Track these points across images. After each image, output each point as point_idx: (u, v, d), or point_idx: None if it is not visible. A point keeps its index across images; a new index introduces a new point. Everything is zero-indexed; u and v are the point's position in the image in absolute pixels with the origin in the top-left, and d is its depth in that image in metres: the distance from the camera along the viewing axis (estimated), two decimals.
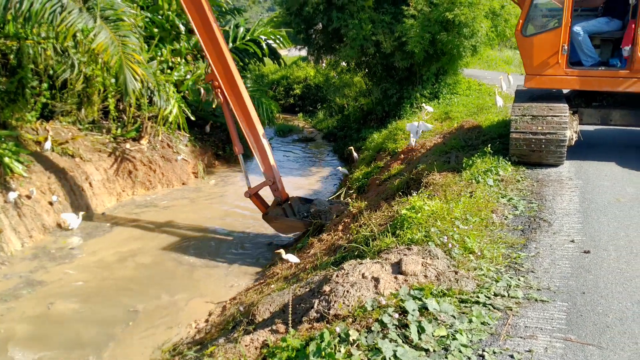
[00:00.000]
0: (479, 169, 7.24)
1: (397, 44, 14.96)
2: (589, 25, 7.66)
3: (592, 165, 7.51)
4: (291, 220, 10.33)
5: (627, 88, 7.29)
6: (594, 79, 7.46)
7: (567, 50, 7.33)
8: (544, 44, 7.44)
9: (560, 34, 7.29)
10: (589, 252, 4.69)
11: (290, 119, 24.17)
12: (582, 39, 7.59)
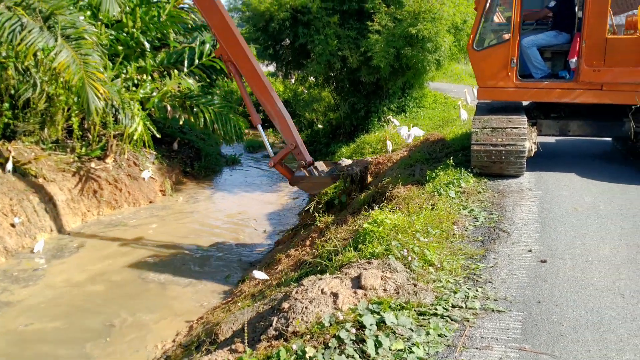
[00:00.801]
0: (442, 181, 7.32)
1: (363, 58, 15.16)
2: (538, 38, 7.89)
3: (551, 175, 7.66)
4: (318, 177, 10.20)
5: (574, 99, 7.52)
6: (543, 91, 7.66)
7: (516, 63, 7.52)
8: (494, 57, 7.63)
9: (509, 48, 7.48)
10: (546, 262, 4.77)
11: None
12: (531, 52, 7.81)
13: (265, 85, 9.93)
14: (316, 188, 10.56)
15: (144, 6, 14.22)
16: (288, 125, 9.99)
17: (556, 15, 7.89)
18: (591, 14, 7.01)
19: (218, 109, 14.22)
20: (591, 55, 7.11)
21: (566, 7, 7.66)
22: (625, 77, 7.03)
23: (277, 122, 10.09)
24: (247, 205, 14.22)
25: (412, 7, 13.71)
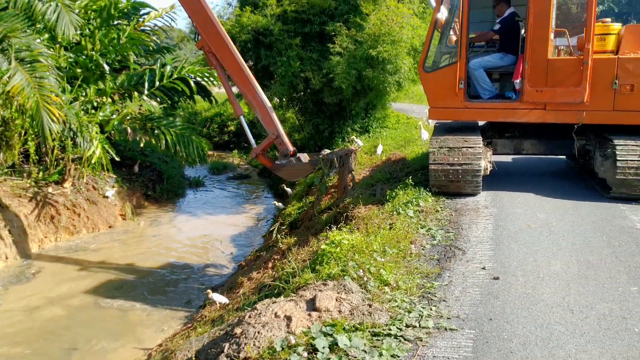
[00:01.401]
0: (401, 201, 7.39)
1: (325, 80, 15.28)
2: (484, 60, 8.15)
3: (507, 193, 7.80)
4: (299, 164, 10.06)
5: (519, 119, 7.76)
6: (490, 111, 7.92)
7: (463, 84, 7.73)
8: (443, 78, 7.85)
9: (457, 70, 7.71)
10: (498, 279, 4.84)
11: (225, 156, 24.04)
12: (478, 74, 8.05)
13: (247, 76, 9.81)
14: (296, 175, 10.62)
15: (104, 28, 14.12)
16: (270, 115, 9.87)
17: (502, 38, 8.14)
18: (533, 36, 7.26)
19: (180, 130, 14.12)
20: (534, 76, 7.34)
21: (511, 30, 7.90)
22: (567, 97, 7.26)
23: (259, 112, 9.98)
24: (211, 227, 14.08)
25: (372, 30, 13.92)
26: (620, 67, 7.02)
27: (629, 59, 7.05)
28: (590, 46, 7.00)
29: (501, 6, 8.06)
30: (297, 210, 12.13)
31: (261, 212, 15.62)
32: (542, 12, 7.16)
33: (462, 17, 7.60)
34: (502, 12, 8.03)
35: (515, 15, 7.98)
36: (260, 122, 10.17)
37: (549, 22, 7.19)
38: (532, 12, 7.20)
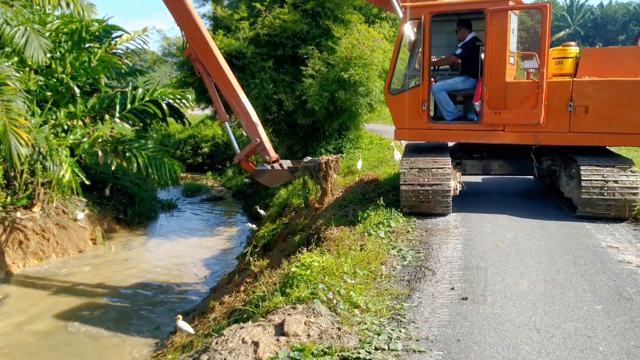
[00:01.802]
0: (373, 222, 7.42)
1: (298, 102, 15.38)
2: (447, 83, 8.36)
3: (476, 213, 7.89)
4: (278, 171, 10.31)
5: (480, 140, 7.95)
6: (453, 132, 8.08)
7: (426, 106, 7.92)
8: (408, 101, 8.06)
9: (420, 92, 7.91)
10: (467, 299, 4.87)
11: (199, 178, 23.91)
12: (441, 96, 8.26)
13: (232, 83, 10.12)
14: (276, 181, 10.89)
15: (75, 51, 14.02)
16: (253, 122, 10.09)
17: (463, 62, 8.33)
18: (491, 60, 7.44)
19: (152, 153, 14.00)
20: (492, 98, 7.51)
21: (472, 54, 8.10)
22: (524, 119, 7.41)
23: (243, 118, 10.25)
24: (184, 251, 13.94)
25: (344, 53, 14.11)
26: (575, 90, 7.19)
27: (583, 82, 7.23)
28: (545, 70, 7.19)
29: (463, 31, 8.28)
30: (270, 232, 12.09)
31: (235, 234, 15.53)
32: (499, 36, 7.36)
33: (424, 42, 7.79)
34: (464, 37, 8.25)
35: (476, 40, 8.18)
36: (244, 128, 10.44)
37: (506, 46, 7.37)
38: (489, 37, 7.40)
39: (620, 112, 7.02)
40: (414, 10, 7.89)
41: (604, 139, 7.29)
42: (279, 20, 15.10)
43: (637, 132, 7.01)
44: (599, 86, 7.12)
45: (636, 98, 6.93)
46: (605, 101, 7.07)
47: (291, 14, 15.13)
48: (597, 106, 7.11)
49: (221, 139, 25.77)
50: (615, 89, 7.04)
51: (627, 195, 6.97)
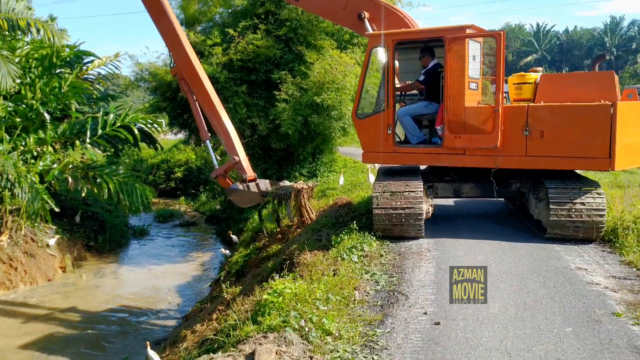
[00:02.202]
0: (346, 246, 7.39)
1: (272, 126, 15.43)
2: (411, 108, 8.58)
3: (449, 235, 7.94)
4: (249, 192, 10.46)
5: (442, 163, 8.12)
6: (417, 155, 8.25)
7: (392, 130, 8.08)
8: (374, 125, 8.21)
9: (385, 117, 8.08)
10: (439, 324, 4.87)
11: (172, 203, 23.67)
12: (406, 121, 8.46)
13: (214, 102, 10.50)
14: (246, 202, 11.05)
15: (45, 77, 13.87)
16: (232, 141, 10.39)
17: (427, 87, 8.54)
18: (450, 85, 7.60)
19: (123, 178, 13.84)
20: (452, 122, 7.65)
21: (434, 80, 8.28)
22: (482, 143, 7.53)
23: (223, 137, 10.56)
24: (156, 278, 13.72)
25: (317, 77, 14.24)
26: (530, 115, 7.31)
27: (538, 107, 7.38)
28: (500, 95, 7.34)
29: (426, 58, 8.49)
30: (244, 258, 11.99)
31: (208, 260, 15.36)
32: (457, 63, 7.53)
33: (388, 68, 7.99)
34: (427, 64, 8.46)
35: (439, 66, 8.36)
36: (224, 146, 10.72)
37: (464, 72, 7.53)
38: (448, 63, 7.56)
39: (574, 136, 7.10)
40: (378, 38, 8.17)
41: (559, 163, 7.35)
42: (252, 46, 15.20)
43: (590, 156, 7.08)
44: (553, 111, 7.26)
45: (588, 122, 7.03)
46: (559, 126, 7.19)
47: (264, 39, 15.25)
48: (551, 130, 7.21)
49: (194, 163, 25.61)
50: (569, 114, 7.16)
51: (594, 217, 7.09)
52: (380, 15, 8.60)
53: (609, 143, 6.86)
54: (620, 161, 6.97)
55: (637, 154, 7.44)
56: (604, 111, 6.88)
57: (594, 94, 7.20)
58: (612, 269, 6.24)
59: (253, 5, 16.38)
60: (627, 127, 7.02)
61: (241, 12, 16.56)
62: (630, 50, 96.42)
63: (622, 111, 6.85)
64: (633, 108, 7.26)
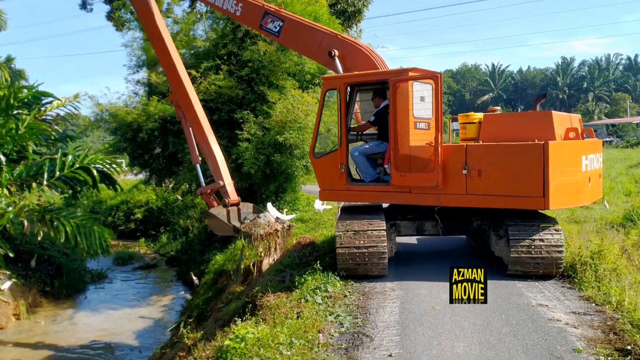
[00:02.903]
0: (309, 287, 7.31)
1: (235, 165, 15.34)
2: (364, 147, 8.80)
3: (413, 274, 7.96)
4: (223, 222, 10.82)
5: (390, 201, 8.31)
6: (368, 193, 8.41)
7: (345, 168, 8.31)
8: (329, 163, 8.49)
9: (339, 155, 8.32)
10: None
11: (132, 245, 23.14)
12: (358, 159, 8.66)
13: (204, 129, 11.18)
14: (219, 230, 11.38)
15: (2, 118, 13.54)
16: (219, 166, 11.03)
17: (378, 127, 8.75)
18: (396, 125, 7.80)
19: (81, 221, 13.44)
20: (398, 162, 7.83)
21: (384, 120, 8.46)
22: (424, 181, 7.68)
23: (210, 162, 11.20)
24: (115, 323, 13.28)
25: (279, 117, 14.33)
26: (469, 154, 7.44)
27: (476, 146, 7.54)
28: (439, 135, 7.50)
29: (377, 99, 8.73)
30: (205, 301, 11.73)
31: (169, 304, 14.97)
32: (402, 103, 7.76)
33: (340, 110, 8.28)
34: (379, 105, 8.69)
35: (388, 107, 8.54)
36: (211, 170, 11.28)
37: (409, 112, 7.75)
38: (393, 104, 7.80)
39: (509, 175, 7.18)
40: (331, 81, 8.66)
41: (496, 202, 7.38)
42: (215, 86, 15.25)
43: (525, 195, 7.10)
44: (489, 150, 7.41)
45: (523, 162, 7.10)
46: (496, 165, 7.28)
47: (226, 80, 15.33)
48: (489, 169, 7.31)
49: (155, 204, 25.19)
50: (504, 153, 7.27)
51: (553, 254, 7.22)
52: (348, 54, 8.90)
53: (543, 182, 6.90)
54: (556, 200, 6.99)
55: (576, 193, 7.42)
56: (537, 150, 6.94)
57: (533, 133, 7.27)
58: (572, 305, 6.34)
59: (215, 47, 16.50)
60: (562, 167, 7.07)
61: (203, 53, 16.65)
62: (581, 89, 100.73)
63: (555, 151, 6.92)
64: (569, 147, 7.33)
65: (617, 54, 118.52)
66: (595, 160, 7.88)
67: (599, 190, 8.31)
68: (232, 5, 10.34)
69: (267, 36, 10.85)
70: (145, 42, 17.85)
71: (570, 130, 7.64)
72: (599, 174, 8.13)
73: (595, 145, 8.07)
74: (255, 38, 15.63)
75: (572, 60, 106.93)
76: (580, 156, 7.35)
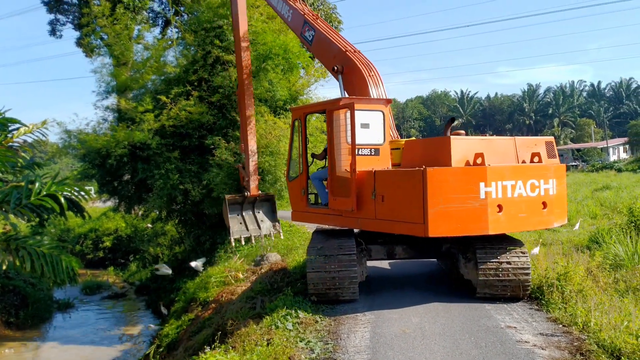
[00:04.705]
0: (280, 313, 7.26)
1: (205, 191, 15.28)
2: (319, 173, 9.21)
3: (384, 298, 7.97)
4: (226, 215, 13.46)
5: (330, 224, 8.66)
6: (320, 215, 8.86)
7: (305, 192, 8.89)
8: (296, 187, 9.15)
9: (300, 180, 8.97)
10: None
11: (100, 274, 22.68)
12: (316, 184, 9.10)
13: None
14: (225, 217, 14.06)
15: None
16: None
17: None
18: (330, 153, 8.22)
19: (48, 249, 13.11)
20: (332, 187, 8.26)
21: None
22: (344, 205, 7.96)
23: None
24: (82, 354, 12.93)
25: None
26: (376, 180, 7.56)
27: (380, 172, 7.65)
28: (354, 161, 7.69)
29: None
30: (175, 330, 11.51)
31: (138, 334, 14.65)
32: (334, 133, 8.10)
33: (301, 137, 8.76)
34: None
35: None
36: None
37: (340, 140, 8.05)
38: (328, 132, 8.26)
39: (400, 201, 7.21)
40: (295, 111, 9.49)
41: (395, 227, 7.39)
42: (185, 112, 15.23)
43: (411, 221, 7.00)
44: (387, 176, 7.57)
45: (408, 188, 7.06)
46: (392, 191, 7.37)
47: (197, 106, 15.33)
48: (389, 195, 7.38)
49: (124, 231, 24.78)
50: (395, 179, 7.41)
51: (520, 276, 7.32)
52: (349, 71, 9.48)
53: (422, 208, 6.79)
54: (437, 227, 6.78)
55: (467, 222, 6.91)
56: (417, 177, 6.86)
57: (435, 159, 7.19)
58: (540, 326, 6.41)
59: (186, 73, 16.51)
60: (446, 194, 6.79)
61: (174, 79, 16.65)
62: (547, 115, 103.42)
63: (435, 177, 6.76)
64: (462, 173, 6.95)
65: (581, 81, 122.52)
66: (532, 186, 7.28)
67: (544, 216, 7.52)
68: (286, 11, 11.57)
69: (304, 44, 11.53)
70: (115, 67, 17.80)
71: (535, 155, 7.76)
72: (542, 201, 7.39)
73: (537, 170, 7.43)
74: (226, 64, 15.71)
75: (538, 87, 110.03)
76: (478, 183, 6.86)
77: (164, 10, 27.70)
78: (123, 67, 18.16)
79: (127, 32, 18.88)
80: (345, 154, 8.02)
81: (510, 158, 7.60)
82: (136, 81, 17.51)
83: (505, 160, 7.47)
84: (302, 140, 8.81)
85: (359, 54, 9.68)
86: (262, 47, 15.58)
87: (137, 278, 20.64)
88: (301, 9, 11.13)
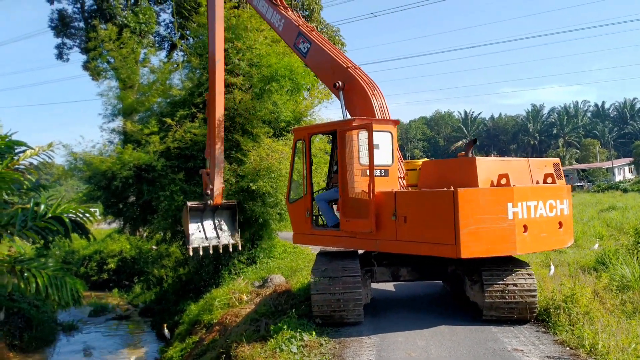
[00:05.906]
0: (285, 336, 7.22)
1: None
2: (326, 194, 9.07)
3: (389, 320, 7.92)
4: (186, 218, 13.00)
5: (341, 246, 8.48)
6: (327, 237, 8.69)
7: (309, 214, 8.66)
8: (299, 209, 8.93)
9: (304, 202, 8.76)
10: None
11: (104, 296, 22.61)
12: (321, 205, 8.99)
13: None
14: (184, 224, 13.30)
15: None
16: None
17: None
18: (342, 174, 8.12)
19: (52, 272, 13.10)
20: (344, 208, 8.12)
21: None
22: (362, 227, 7.84)
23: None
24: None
25: (253, 164, 14.38)
26: (397, 201, 7.49)
27: (402, 193, 7.63)
28: (372, 182, 7.61)
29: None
30: (179, 353, 11.44)
31: (142, 357, 14.54)
32: (347, 152, 8.04)
33: (305, 159, 8.66)
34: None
35: None
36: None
37: (353, 161, 7.97)
38: (340, 153, 8.16)
39: (427, 222, 7.12)
40: (298, 132, 9.24)
41: (420, 248, 7.32)
42: (190, 134, 15.31)
43: (440, 242, 6.96)
44: (411, 197, 7.51)
45: (436, 209, 7.03)
46: (417, 211, 7.29)
47: (202, 128, 15.40)
48: (412, 216, 7.29)
49: (128, 253, 24.75)
50: (422, 200, 7.33)
51: (527, 298, 7.26)
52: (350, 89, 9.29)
53: (454, 229, 6.73)
54: (469, 248, 6.74)
55: (499, 242, 6.95)
56: (447, 198, 6.82)
57: (461, 179, 7.17)
58: (547, 349, 6.35)
59: (191, 95, 16.64)
60: (476, 214, 6.78)
61: (179, 102, 16.76)
62: (551, 135, 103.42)
63: (466, 198, 6.74)
64: (491, 194, 6.97)
65: (585, 101, 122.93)
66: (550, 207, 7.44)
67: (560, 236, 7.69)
68: (277, 20, 11.16)
69: (298, 55, 11.25)
70: (122, 90, 17.95)
71: (548, 176, 7.80)
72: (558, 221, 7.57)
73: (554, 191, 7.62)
74: (231, 87, 15.84)
75: (542, 107, 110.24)
76: (506, 203, 6.92)
77: (170, 34, 28.07)
78: (129, 90, 18.32)
79: (133, 56, 19.09)
80: (358, 175, 7.92)
81: (526, 179, 7.67)
82: (142, 104, 17.64)
83: (522, 181, 7.53)
84: (306, 161, 8.71)
85: (360, 71, 9.54)
86: (267, 70, 15.71)
87: (142, 300, 20.57)
88: (295, 19, 10.84)
